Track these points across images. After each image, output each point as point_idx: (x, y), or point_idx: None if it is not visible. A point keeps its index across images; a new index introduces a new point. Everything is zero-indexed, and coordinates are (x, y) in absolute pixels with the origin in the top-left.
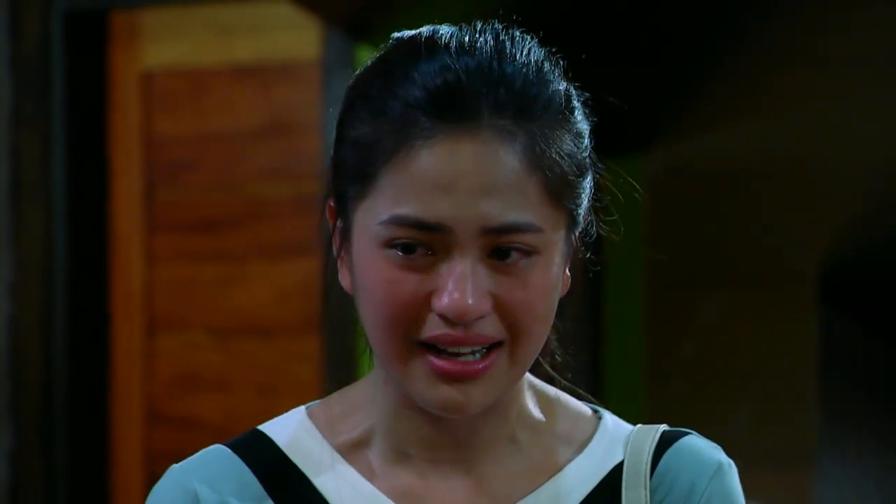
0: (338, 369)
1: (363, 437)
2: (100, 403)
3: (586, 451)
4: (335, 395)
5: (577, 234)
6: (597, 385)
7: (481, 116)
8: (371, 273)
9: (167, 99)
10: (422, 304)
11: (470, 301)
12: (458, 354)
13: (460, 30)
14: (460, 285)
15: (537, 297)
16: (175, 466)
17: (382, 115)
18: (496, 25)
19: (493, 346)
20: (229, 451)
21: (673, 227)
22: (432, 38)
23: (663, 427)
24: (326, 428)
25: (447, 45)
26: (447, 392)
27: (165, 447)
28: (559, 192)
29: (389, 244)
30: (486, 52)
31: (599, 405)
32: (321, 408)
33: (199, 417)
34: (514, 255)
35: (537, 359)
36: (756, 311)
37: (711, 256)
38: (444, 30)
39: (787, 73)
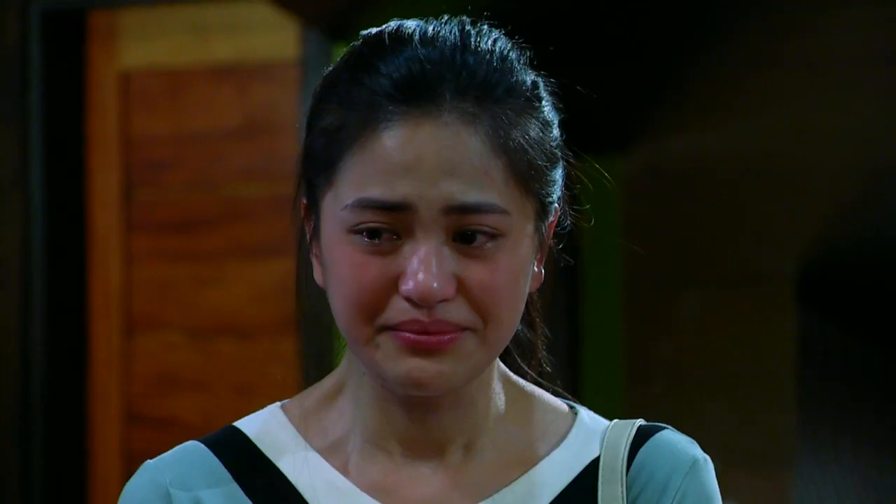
0: (315, 369)
1: (338, 431)
2: (77, 403)
3: (562, 445)
4: (308, 390)
5: (548, 224)
6: (575, 385)
7: (443, 100)
8: (338, 260)
9: (145, 99)
10: (388, 289)
11: (435, 284)
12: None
13: (426, 23)
14: (424, 267)
15: (504, 280)
16: (148, 462)
17: (348, 103)
18: (463, 19)
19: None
20: (203, 446)
21: (651, 227)
22: (398, 32)
23: (640, 421)
24: (301, 422)
25: (412, 37)
26: (414, 363)
27: (143, 447)
28: (526, 177)
29: (355, 229)
30: (450, 41)
31: (575, 401)
32: (295, 403)
33: (177, 418)
34: (480, 239)
35: (519, 362)
36: (734, 312)
37: (690, 257)
38: (410, 23)
39: (765, 73)
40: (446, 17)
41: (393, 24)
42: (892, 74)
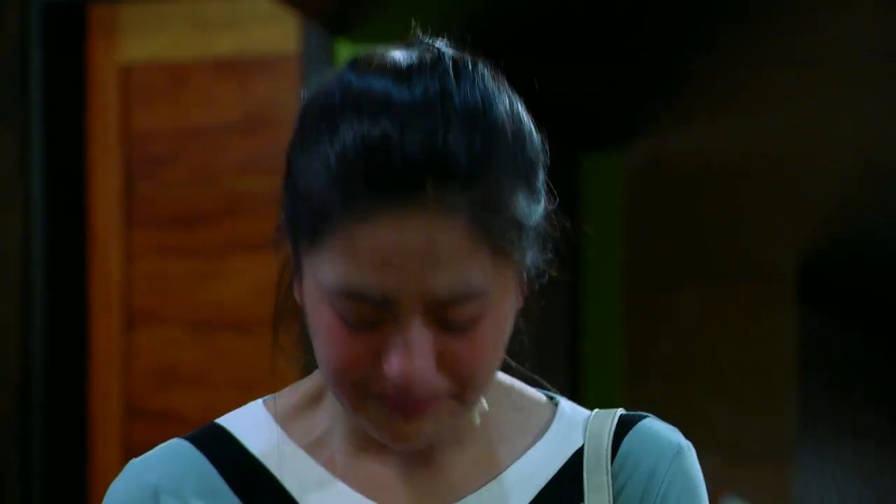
0: (313, 364)
1: (322, 429)
2: (78, 398)
3: (545, 437)
4: (289, 389)
5: (528, 271)
6: (576, 383)
7: (425, 192)
8: (319, 324)
9: (146, 93)
10: (371, 363)
11: (418, 373)
12: None
13: (402, 74)
14: (408, 353)
15: (486, 351)
16: (134, 461)
17: (330, 178)
18: (444, 59)
19: None
20: (190, 444)
21: (652, 224)
22: (375, 93)
23: (620, 411)
24: (285, 421)
25: (389, 102)
26: (397, 427)
27: (144, 441)
28: (510, 251)
29: (336, 310)
30: (430, 108)
31: (554, 391)
32: (277, 401)
33: (177, 412)
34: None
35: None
36: (735, 308)
37: (690, 254)
38: (384, 83)
39: (767, 71)
40: (427, 65)
41: (372, 81)
42: (893, 72)
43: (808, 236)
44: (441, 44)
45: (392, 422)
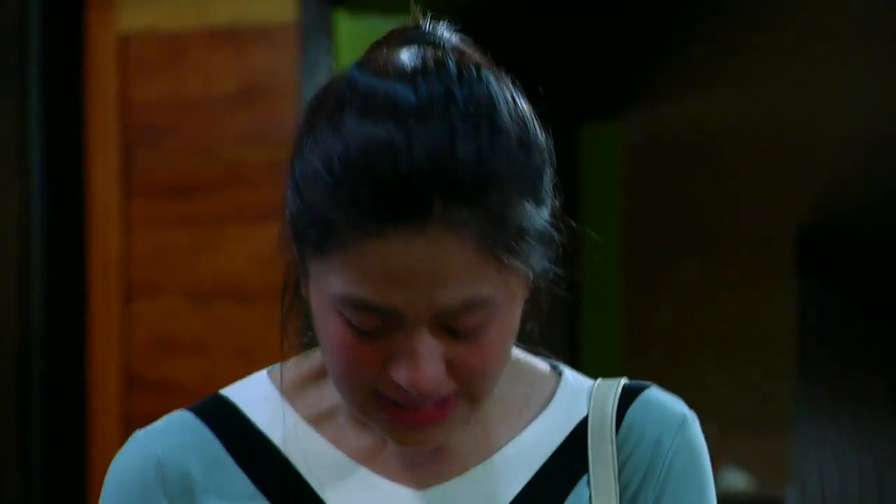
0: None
1: (327, 403)
2: (78, 369)
3: (549, 408)
4: (295, 360)
5: (534, 269)
6: (574, 354)
7: (433, 214)
8: (325, 326)
9: (144, 63)
10: (378, 367)
11: (427, 382)
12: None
13: (407, 80)
14: (416, 361)
15: (494, 355)
16: (138, 432)
17: (335, 192)
18: (448, 64)
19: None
20: (193, 416)
21: (651, 195)
22: (381, 101)
23: (624, 380)
24: (290, 392)
25: (395, 112)
26: (407, 434)
27: (143, 412)
28: (517, 260)
29: (344, 316)
30: (436, 121)
31: (558, 360)
32: (283, 372)
33: (176, 382)
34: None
35: None
36: (734, 279)
37: (690, 225)
38: (390, 91)
39: (766, 40)
40: (432, 73)
41: (378, 87)
42: (891, 43)
43: (807, 207)
44: (442, 30)
45: (402, 432)
